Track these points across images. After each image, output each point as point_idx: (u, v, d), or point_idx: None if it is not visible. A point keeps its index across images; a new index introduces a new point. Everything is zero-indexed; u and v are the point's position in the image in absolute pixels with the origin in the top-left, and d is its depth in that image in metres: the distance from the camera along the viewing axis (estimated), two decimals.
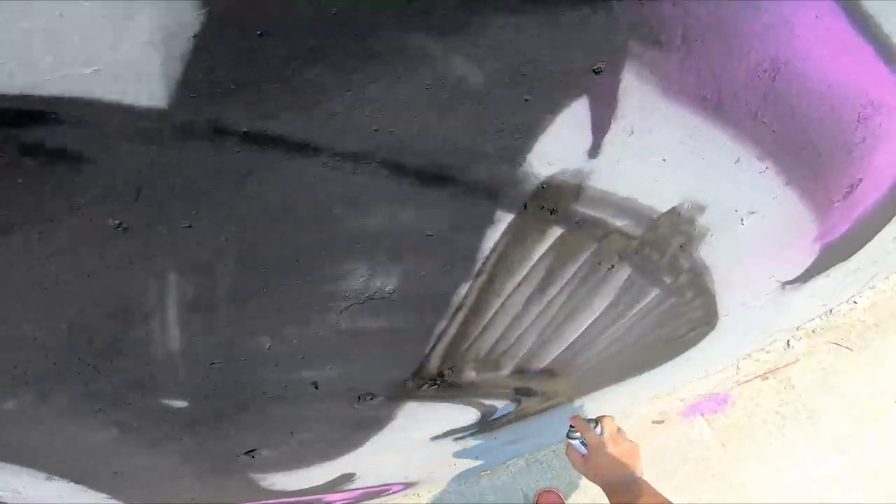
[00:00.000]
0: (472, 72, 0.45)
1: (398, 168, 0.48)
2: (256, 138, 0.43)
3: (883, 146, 0.96)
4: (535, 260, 0.69)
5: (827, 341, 1.96)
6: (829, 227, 1.14)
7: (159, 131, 0.40)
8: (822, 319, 2.00)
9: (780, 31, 0.60)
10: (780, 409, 1.91)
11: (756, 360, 1.98)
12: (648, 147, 0.62)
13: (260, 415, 0.83)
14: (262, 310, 0.59)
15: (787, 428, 1.87)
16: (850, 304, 2.00)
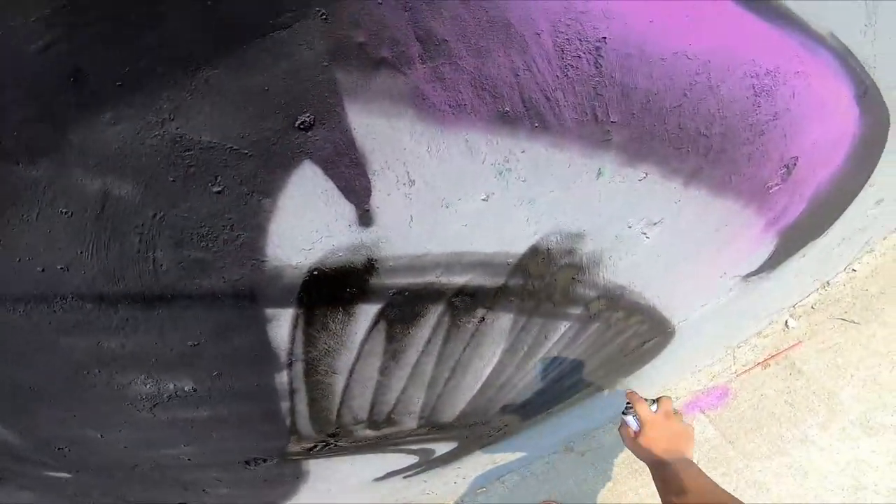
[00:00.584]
0: (111, 184, 0.38)
1: (99, 298, 0.43)
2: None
3: (810, 118, 0.82)
4: (363, 337, 0.61)
5: (830, 317, 1.78)
6: (778, 212, 1.00)
7: None
8: (819, 294, 1.82)
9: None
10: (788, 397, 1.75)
11: (753, 346, 1.83)
12: (449, 191, 0.53)
13: (157, 478, 0.81)
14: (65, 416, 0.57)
15: (799, 417, 1.71)
16: (849, 272, 1.81)
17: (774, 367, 1.77)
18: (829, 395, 1.67)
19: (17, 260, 0.38)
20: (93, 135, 0.35)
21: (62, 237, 0.39)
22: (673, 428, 0.88)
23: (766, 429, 1.72)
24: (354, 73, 0.41)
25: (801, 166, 0.91)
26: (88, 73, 0.33)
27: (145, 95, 0.35)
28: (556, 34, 0.49)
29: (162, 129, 0.36)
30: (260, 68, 0.38)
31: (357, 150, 0.44)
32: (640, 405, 0.91)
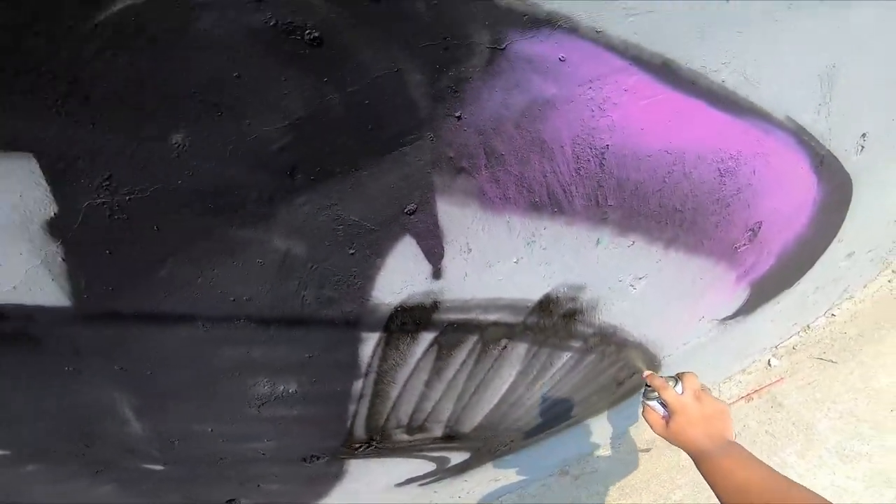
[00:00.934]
0: (291, 244, 0.61)
1: (261, 321, 0.65)
2: (149, 317, 0.60)
3: (770, 190, 1.05)
4: (419, 356, 0.83)
5: (810, 356, 1.99)
6: (747, 267, 1.23)
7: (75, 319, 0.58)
8: (800, 336, 2.04)
9: (591, 118, 0.69)
10: (769, 428, 1.94)
11: (738, 382, 2.03)
12: (492, 256, 0.77)
13: (228, 472, 1.01)
14: (192, 412, 0.78)
15: (780, 445, 1.90)
16: (828, 317, 2.03)
17: (757, 401, 1.98)
18: (807, 426, 1.87)
19: (218, 292, 0.61)
20: (291, 211, 0.58)
21: (253, 278, 0.61)
22: (707, 408, 0.79)
23: None
24: (444, 177, 0.64)
25: (766, 229, 1.14)
26: (299, 170, 0.56)
27: (326, 187, 0.58)
28: (574, 145, 0.73)
29: (329, 211, 0.60)
30: (390, 172, 0.61)
31: (439, 228, 0.68)
32: (665, 390, 0.82)
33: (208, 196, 0.53)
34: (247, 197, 0.54)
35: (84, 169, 0.47)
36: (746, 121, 0.88)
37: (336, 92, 0.51)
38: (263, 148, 0.52)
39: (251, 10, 0.44)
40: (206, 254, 0.57)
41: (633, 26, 0.64)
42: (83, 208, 0.49)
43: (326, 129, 0.54)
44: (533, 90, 0.64)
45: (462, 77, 0.58)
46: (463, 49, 0.55)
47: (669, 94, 0.75)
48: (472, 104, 0.60)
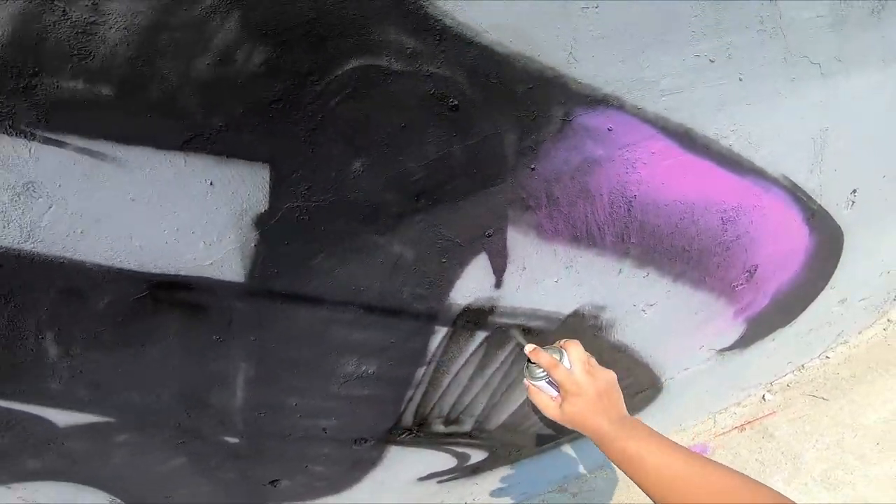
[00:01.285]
0: (405, 251, 0.83)
1: (369, 308, 0.87)
2: (291, 298, 0.82)
3: (765, 238, 1.28)
4: (471, 351, 1.05)
5: (802, 393, 2.18)
6: (744, 304, 1.46)
7: (242, 294, 0.79)
8: (794, 375, 2.24)
9: (624, 174, 0.94)
10: (759, 456, 2.12)
11: (732, 413, 2.23)
12: (539, 275, 0.99)
13: (288, 449, 1.19)
14: (291, 384, 0.98)
15: (768, 473, 2.06)
16: (823, 359, 2.24)
17: (749, 432, 2.17)
18: (795, 455, 2.05)
19: (346, 281, 0.83)
20: (410, 226, 0.81)
21: (373, 273, 0.84)
22: (600, 383, 0.77)
23: None
24: (516, 211, 0.88)
25: (761, 272, 1.37)
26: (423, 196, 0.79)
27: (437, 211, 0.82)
28: (610, 194, 0.97)
29: (436, 229, 0.84)
30: (481, 204, 0.85)
31: (506, 249, 0.91)
32: (556, 369, 0.78)
33: (361, 209, 0.76)
34: (385, 212, 0.78)
35: (297, 180, 0.71)
36: (748, 179, 1.12)
37: (459, 143, 0.76)
38: (405, 178, 0.76)
39: (423, 81, 0.69)
40: (347, 251, 0.79)
41: (665, 103, 0.89)
42: (283, 209, 0.72)
43: (447, 169, 0.78)
44: (586, 151, 0.87)
45: (540, 140, 0.82)
46: (544, 119, 0.80)
47: (687, 157, 0.99)
48: (544, 160, 0.84)
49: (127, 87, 0.57)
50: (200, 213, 0.69)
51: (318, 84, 0.64)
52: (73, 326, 0.77)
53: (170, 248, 0.71)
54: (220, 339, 0.85)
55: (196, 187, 0.67)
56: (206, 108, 0.61)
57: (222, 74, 0.59)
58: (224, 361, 0.89)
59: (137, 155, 0.62)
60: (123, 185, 0.64)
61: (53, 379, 0.83)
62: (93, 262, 0.70)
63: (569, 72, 0.77)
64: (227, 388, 0.96)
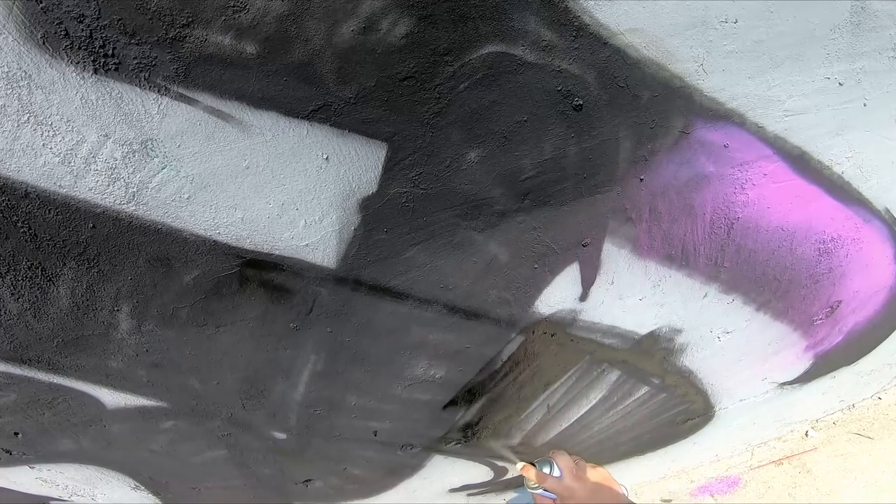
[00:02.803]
0: (500, 251, 0.79)
1: (452, 308, 0.83)
2: (377, 289, 0.78)
3: (856, 273, 1.21)
4: (540, 364, 1.00)
5: (848, 431, 2.10)
6: (818, 339, 1.39)
7: (328, 280, 0.75)
8: (843, 413, 2.16)
9: (732, 193, 0.88)
10: (792, 491, 2.04)
11: (772, 447, 2.15)
12: (626, 291, 0.94)
13: (332, 450, 1.16)
14: (354, 381, 0.94)
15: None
16: (874, 399, 2.15)
17: (787, 466, 2.09)
18: (830, 491, 1.98)
19: (435, 278, 0.79)
20: (510, 226, 0.77)
21: (463, 272, 0.79)
22: (589, 483, 0.87)
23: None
24: (617, 221, 0.83)
25: (843, 308, 1.31)
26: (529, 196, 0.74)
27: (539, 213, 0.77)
28: (714, 214, 0.91)
29: (534, 232, 0.79)
30: (582, 212, 0.80)
31: (599, 260, 0.86)
32: (546, 481, 0.91)
33: (467, 202, 0.72)
34: (489, 209, 0.73)
35: (411, 164, 0.67)
36: (852, 209, 1.05)
37: (576, 145, 0.71)
38: (516, 175, 0.71)
39: (552, 76, 0.65)
40: (444, 246, 0.75)
41: (787, 123, 0.83)
42: (391, 193, 0.68)
43: (559, 170, 0.73)
44: (698, 167, 0.82)
45: (655, 150, 0.76)
46: (663, 130, 0.75)
47: (798, 181, 0.93)
48: (654, 171, 0.79)
49: (271, 45, 0.54)
50: (309, 188, 0.66)
51: (452, 65, 0.60)
52: (153, 300, 0.73)
53: (270, 224, 0.68)
54: (297, 327, 0.81)
55: (311, 161, 0.64)
56: (340, 77, 0.58)
57: (363, 43, 0.55)
58: (295, 351, 0.85)
59: (264, 119, 0.59)
60: (242, 151, 0.61)
61: (117, 356, 0.80)
62: (191, 231, 0.66)
63: (696, 83, 0.72)
64: (290, 381, 0.92)
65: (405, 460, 1.26)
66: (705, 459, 2.11)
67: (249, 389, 0.92)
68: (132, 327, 0.77)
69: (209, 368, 0.86)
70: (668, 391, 1.32)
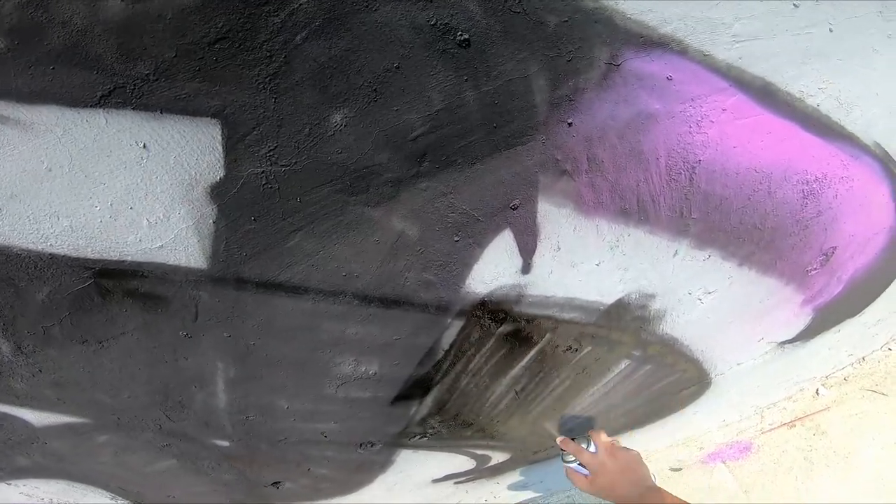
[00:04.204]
0: (406, 226, 0.67)
1: (364, 298, 0.71)
2: (266, 286, 0.66)
3: (849, 215, 1.07)
4: (493, 348, 0.88)
5: (860, 388, 1.97)
6: (815, 291, 1.25)
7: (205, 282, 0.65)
8: (853, 367, 2.03)
9: (688, 133, 0.75)
10: (808, 454, 1.94)
11: (782, 408, 2.03)
12: (578, 257, 0.81)
13: (286, 453, 1.07)
14: (278, 385, 0.84)
15: (816, 472, 1.89)
16: (885, 350, 2.01)
17: (799, 428, 1.97)
18: (848, 454, 1.86)
19: (334, 266, 0.67)
20: (411, 195, 0.64)
21: (366, 256, 0.67)
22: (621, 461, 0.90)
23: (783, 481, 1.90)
24: (549, 177, 0.69)
25: (839, 254, 1.16)
26: (428, 157, 0.61)
27: (446, 175, 0.64)
28: (669, 158, 0.77)
29: (445, 198, 0.66)
30: (503, 168, 0.66)
31: (536, 225, 0.73)
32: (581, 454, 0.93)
33: (348, 174, 0.59)
34: (379, 178, 0.61)
35: (258, 138, 0.54)
36: (836, 144, 0.90)
37: (473, 90, 0.57)
38: (404, 134, 0.58)
39: (420, 9, 0.50)
40: (333, 228, 0.63)
41: (739, 51, 0.69)
42: (245, 175, 0.56)
43: (458, 122, 0.59)
44: (639, 104, 0.68)
45: (579, 87, 0.63)
46: (584, 62, 0.61)
47: (765, 116, 0.78)
48: (584, 113, 0.65)
49: (20, 36, 0.44)
50: (135, 183, 0.55)
51: (278, 15, 0.47)
52: (17, 321, 0.66)
53: (107, 228, 0.57)
54: (188, 334, 0.71)
55: (125, 151, 0.52)
56: (125, 55, 0.47)
57: (143, 11, 0.43)
58: (197, 360, 0.76)
59: (44, 115, 0.49)
60: (34, 152, 0.51)
61: (16, 378, 0.75)
62: (19, 246, 0.58)
63: (615, 4, 0.58)
64: (206, 389, 0.83)
65: (370, 457, 1.18)
66: (712, 426, 2.00)
67: (166, 401, 0.84)
68: (13, 349, 0.71)
69: (112, 383, 0.79)
70: (652, 362, 1.20)
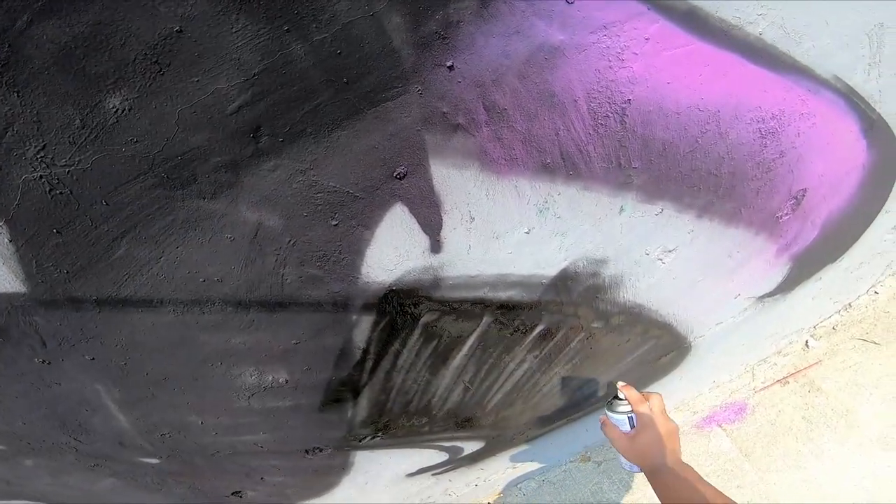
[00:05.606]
0: (263, 216, 0.55)
1: (238, 304, 0.60)
2: (110, 303, 0.55)
3: (816, 154, 0.95)
4: (422, 339, 0.77)
5: (850, 337, 1.88)
6: (789, 239, 1.13)
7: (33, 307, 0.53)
8: (840, 315, 1.93)
9: (608, 68, 0.62)
10: (806, 413, 1.85)
11: (773, 364, 1.94)
12: (499, 226, 0.69)
13: (227, 465, 0.98)
14: (179, 403, 0.74)
15: (816, 432, 1.81)
16: (871, 295, 1.91)
17: (793, 385, 1.88)
18: (847, 411, 1.77)
19: (185, 272, 0.56)
20: (258, 178, 0.52)
21: (223, 256, 0.56)
22: (669, 426, 0.85)
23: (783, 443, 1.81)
24: (438, 135, 0.57)
25: (810, 197, 1.04)
26: (264, 130, 0.49)
27: (297, 149, 0.51)
28: (590, 100, 0.65)
29: (304, 176, 0.53)
30: (372, 131, 0.54)
31: (435, 194, 0.61)
32: (641, 404, 0.87)
33: (160, 165, 0.47)
34: (206, 164, 0.48)
35: (16, 140, 0.42)
36: (789, 78, 0.78)
37: (300, 41, 0.45)
38: (219, 108, 0.46)
39: None
40: (166, 230, 0.51)
41: None
42: (20, 183, 0.44)
43: (292, 83, 0.47)
44: (537, 37, 0.56)
45: (451, 21, 0.50)
46: None
47: (698, 45, 0.66)
48: (466, 52, 0.53)
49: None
50: None
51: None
52: None
53: None
54: (46, 361, 0.60)
55: None
56: None
57: None
58: (70, 384, 0.65)
59: None
60: None
61: None
62: None
63: None
64: (99, 413, 0.73)
65: (324, 461, 1.08)
66: (701, 388, 1.91)
67: (65, 426, 0.74)
68: None
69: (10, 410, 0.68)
70: (619, 332, 1.10)
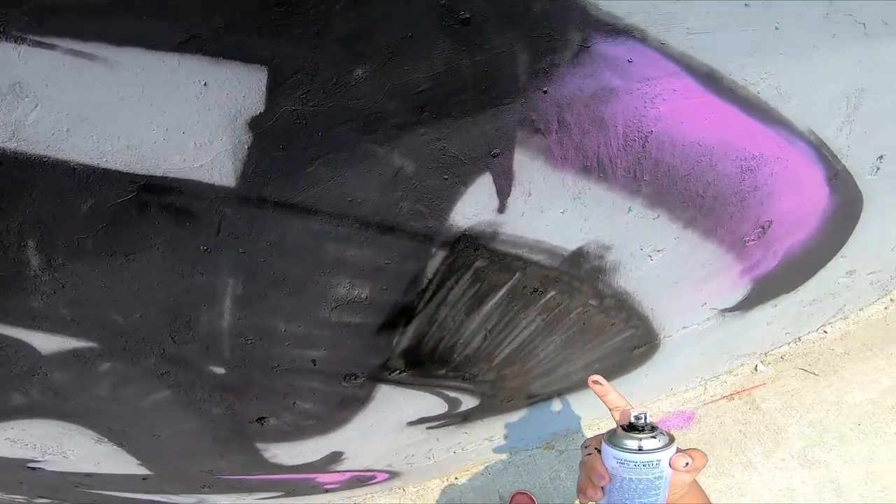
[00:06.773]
0: (405, 163, 0.82)
1: (364, 223, 0.87)
2: (283, 206, 0.81)
3: (784, 192, 1.27)
4: (469, 282, 1.05)
5: (795, 367, 2.24)
6: (753, 262, 1.46)
7: (231, 200, 0.79)
8: (790, 347, 2.29)
9: (642, 107, 0.92)
10: (743, 427, 2.19)
11: (723, 381, 2.28)
12: (546, 203, 0.99)
13: (277, 383, 1.21)
14: (279, 306, 0.99)
15: (748, 446, 2.14)
16: (820, 333, 2.28)
17: (737, 402, 2.22)
18: (778, 429, 2.12)
19: (342, 191, 0.82)
20: (412, 137, 0.80)
21: (370, 184, 0.83)
22: None
23: (718, 452, 2.16)
24: (525, 133, 0.86)
25: (775, 229, 1.37)
26: (427, 109, 0.77)
27: (441, 125, 0.80)
28: (626, 127, 0.95)
29: (438, 143, 0.83)
30: (488, 122, 0.83)
31: (512, 171, 0.90)
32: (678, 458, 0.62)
33: (362, 117, 0.75)
34: (387, 122, 0.76)
35: (296, 84, 0.69)
36: (772, 128, 1.10)
37: (468, 58, 0.74)
38: (409, 89, 0.75)
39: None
40: (346, 160, 0.78)
41: (691, 41, 0.87)
42: (280, 111, 0.71)
43: (454, 83, 0.76)
44: (602, 80, 0.86)
45: (554, 63, 0.80)
46: (560, 43, 0.78)
47: (710, 98, 0.97)
48: (557, 83, 0.83)
49: None
50: (192, 113, 0.68)
51: None
52: (56, 232, 0.76)
53: (158, 149, 0.70)
54: (208, 249, 0.84)
55: (189, 88, 0.66)
56: (206, 10, 0.60)
57: None
58: (211, 275, 0.89)
59: (129, 56, 0.62)
60: (113, 85, 0.64)
61: (36, 295, 0.84)
62: (78, 161, 0.69)
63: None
64: (213, 308, 0.96)
65: (352, 391, 1.33)
66: (661, 392, 2.23)
67: (175, 321, 0.96)
68: (42, 262, 0.79)
69: (128, 300, 0.90)
70: (607, 314, 1.40)
